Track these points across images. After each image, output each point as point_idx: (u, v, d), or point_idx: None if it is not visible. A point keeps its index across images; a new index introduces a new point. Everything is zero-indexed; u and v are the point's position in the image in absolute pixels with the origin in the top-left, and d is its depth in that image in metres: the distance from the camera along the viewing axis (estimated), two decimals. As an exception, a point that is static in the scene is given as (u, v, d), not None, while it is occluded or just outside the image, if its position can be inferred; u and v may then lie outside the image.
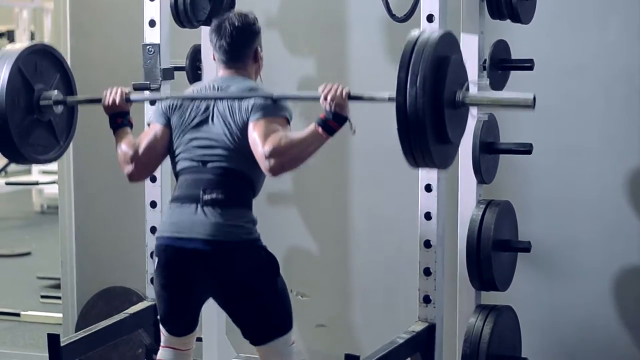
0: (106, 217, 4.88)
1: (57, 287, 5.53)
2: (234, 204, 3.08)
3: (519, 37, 3.85)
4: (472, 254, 3.50)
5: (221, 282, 3.10)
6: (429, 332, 3.50)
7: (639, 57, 3.98)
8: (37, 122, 3.34)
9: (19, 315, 5.79)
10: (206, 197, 3.07)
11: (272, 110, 3.08)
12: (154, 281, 3.19)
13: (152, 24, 3.81)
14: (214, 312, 3.97)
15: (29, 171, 9.64)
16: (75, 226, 4.94)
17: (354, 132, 3.00)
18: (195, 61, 4.05)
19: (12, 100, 3.22)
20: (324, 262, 4.53)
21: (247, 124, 3.08)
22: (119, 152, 3.24)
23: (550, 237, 4.13)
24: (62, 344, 3.37)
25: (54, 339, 3.35)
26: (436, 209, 3.47)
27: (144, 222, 3.93)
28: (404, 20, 3.57)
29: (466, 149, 3.49)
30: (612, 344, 4.10)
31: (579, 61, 4.06)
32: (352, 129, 3.00)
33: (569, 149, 4.10)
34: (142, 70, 3.83)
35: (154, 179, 3.84)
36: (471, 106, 2.89)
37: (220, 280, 3.09)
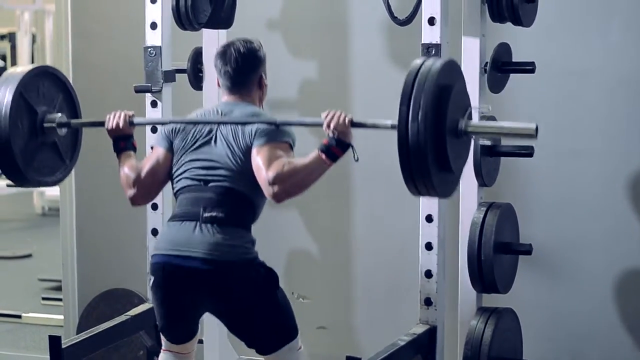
0: (107, 219, 4.88)
1: (59, 289, 5.53)
2: (233, 224, 3.06)
3: (520, 40, 3.84)
4: (474, 256, 3.50)
5: (220, 301, 3.09)
6: (430, 335, 3.50)
7: (640, 59, 4.00)
8: (42, 144, 3.32)
9: (20, 317, 5.79)
10: (206, 215, 3.04)
11: (276, 135, 3.07)
12: (151, 296, 3.17)
13: (153, 26, 3.82)
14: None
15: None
16: (76, 228, 4.94)
17: (356, 160, 2.99)
18: (196, 63, 4.05)
19: (15, 126, 3.19)
20: (325, 264, 4.53)
21: (251, 147, 3.07)
22: (122, 175, 3.22)
23: (551, 240, 4.13)
24: (63, 346, 3.37)
25: (55, 341, 3.35)
26: (437, 211, 3.47)
27: (145, 224, 3.93)
28: (405, 22, 3.56)
29: (468, 151, 3.49)
30: (614, 346, 4.10)
31: (580, 64, 4.06)
32: (355, 157, 2.99)
33: (570, 152, 4.10)
34: (144, 72, 3.84)
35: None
36: (473, 135, 2.85)
37: (218, 299, 3.08)
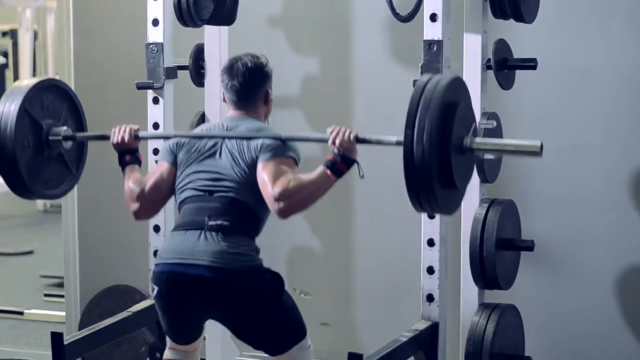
0: (109, 216, 4.88)
1: (60, 285, 5.53)
2: (238, 232, 3.05)
3: (521, 37, 3.84)
4: (476, 252, 3.49)
5: (224, 309, 3.08)
6: (432, 331, 3.50)
7: (642, 56, 3.99)
8: (48, 158, 3.33)
9: (22, 313, 5.79)
10: (211, 223, 3.04)
11: (281, 150, 3.08)
12: (155, 305, 3.16)
13: (155, 23, 3.81)
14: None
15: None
16: (78, 224, 4.94)
17: (362, 177, 2.99)
18: (198, 60, 4.04)
19: (21, 142, 3.20)
20: (327, 261, 4.53)
21: (256, 161, 3.07)
22: (126, 189, 3.22)
23: (553, 236, 4.12)
24: (65, 342, 3.37)
25: (57, 337, 3.35)
26: (439, 208, 3.47)
27: (148, 221, 3.92)
28: (407, 19, 3.56)
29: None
30: (616, 342, 4.10)
31: (582, 60, 4.06)
32: (360, 174, 2.99)
33: (572, 148, 4.09)
34: (145, 69, 3.84)
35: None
36: (478, 152, 2.85)
37: (223, 306, 3.07)
